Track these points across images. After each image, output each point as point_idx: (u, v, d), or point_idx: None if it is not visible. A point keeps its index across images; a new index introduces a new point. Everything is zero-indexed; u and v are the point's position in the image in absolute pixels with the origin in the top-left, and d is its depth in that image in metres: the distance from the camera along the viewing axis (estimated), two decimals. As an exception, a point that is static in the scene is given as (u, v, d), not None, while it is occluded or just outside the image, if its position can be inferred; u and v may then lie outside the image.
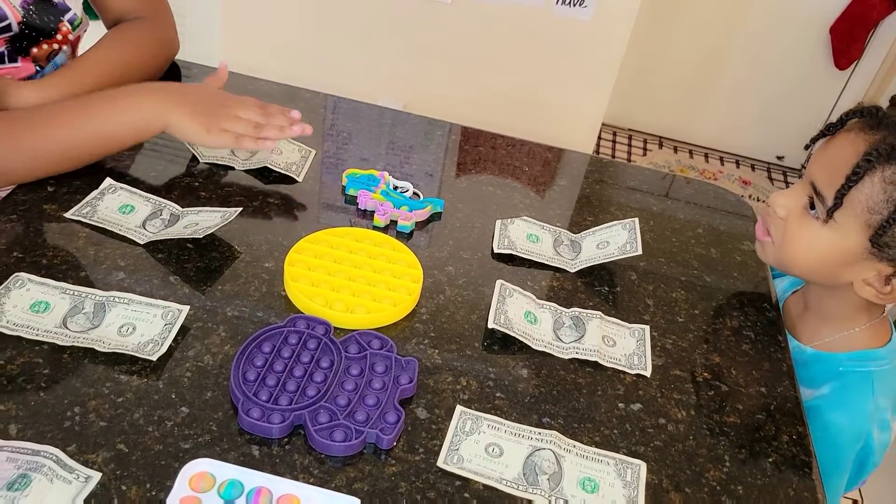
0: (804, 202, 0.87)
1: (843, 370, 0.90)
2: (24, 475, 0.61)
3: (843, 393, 0.89)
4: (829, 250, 0.85)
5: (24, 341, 0.72)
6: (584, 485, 0.70)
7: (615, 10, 1.89)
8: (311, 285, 0.82)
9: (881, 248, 0.81)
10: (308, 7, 2.00)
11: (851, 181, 0.80)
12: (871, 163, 0.79)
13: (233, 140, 0.93)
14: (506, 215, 1.00)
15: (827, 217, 0.83)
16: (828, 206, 0.82)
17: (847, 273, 0.86)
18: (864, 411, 0.88)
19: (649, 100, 3.04)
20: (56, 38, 1.00)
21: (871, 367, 0.89)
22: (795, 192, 0.89)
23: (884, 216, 0.79)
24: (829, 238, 0.84)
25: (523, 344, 0.82)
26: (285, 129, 0.96)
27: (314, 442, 0.68)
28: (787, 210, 0.89)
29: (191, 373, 0.73)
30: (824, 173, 0.84)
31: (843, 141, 0.84)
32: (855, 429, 0.87)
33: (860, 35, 2.72)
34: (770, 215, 0.91)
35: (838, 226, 0.83)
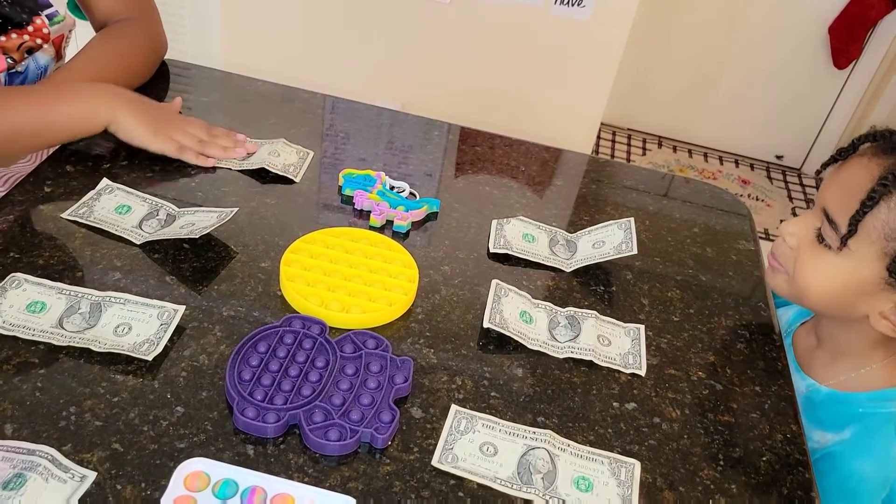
0: (816, 229, 0.84)
1: (863, 412, 0.86)
2: (19, 474, 0.61)
3: (865, 438, 0.85)
4: (844, 280, 0.82)
5: (21, 341, 0.72)
6: (579, 484, 0.70)
7: (614, 10, 1.89)
8: (306, 285, 0.83)
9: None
10: (307, 7, 2.00)
11: (866, 207, 0.77)
12: (887, 187, 0.76)
13: (176, 149, 0.96)
14: (502, 215, 1.01)
15: (841, 245, 0.79)
16: (841, 233, 0.79)
17: (863, 305, 0.82)
18: (888, 457, 0.84)
19: (648, 99, 3.04)
20: (27, 30, 0.98)
21: (893, 409, 0.85)
22: (807, 221, 0.86)
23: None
24: (844, 267, 0.81)
25: (518, 343, 0.82)
26: (229, 150, 1.00)
27: (309, 441, 0.68)
28: (797, 238, 0.86)
29: (186, 372, 0.73)
30: (837, 199, 0.81)
31: (857, 166, 0.81)
32: (880, 476, 0.84)
33: (859, 34, 2.73)
34: (780, 244, 0.88)
35: (853, 254, 0.80)
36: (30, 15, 0.98)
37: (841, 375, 0.90)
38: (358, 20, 2.00)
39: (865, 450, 0.85)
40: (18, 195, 0.89)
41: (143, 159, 0.98)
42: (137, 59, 1.08)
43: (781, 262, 0.88)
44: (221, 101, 1.16)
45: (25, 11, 0.98)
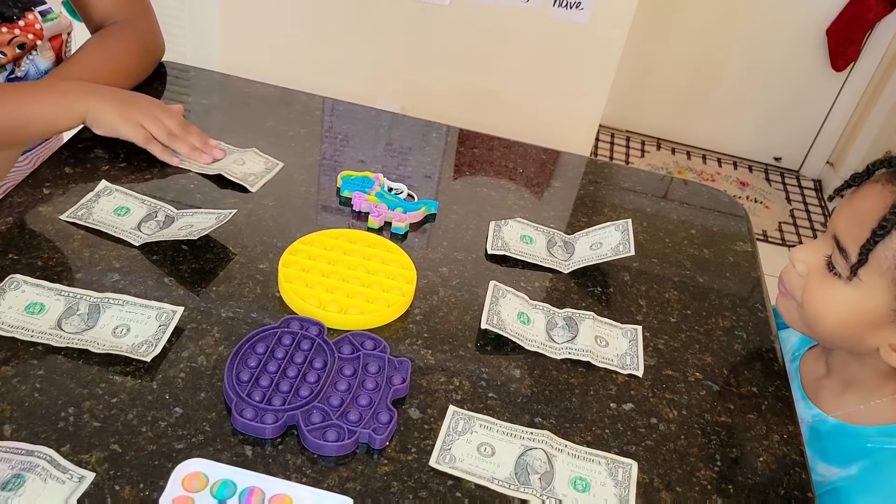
0: (826, 256, 0.81)
1: (871, 447, 0.83)
2: (17, 475, 0.61)
3: (874, 475, 0.82)
4: (853, 311, 0.79)
5: (19, 342, 0.73)
6: (576, 484, 0.70)
7: (612, 12, 1.89)
8: (305, 286, 0.83)
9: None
10: (306, 10, 2.00)
11: (878, 236, 0.74)
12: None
13: (144, 138, 0.95)
14: (500, 217, 1.01)
15: (850, 274, 0.77)
16: (851, 262, 0.77)
17: (873, 337, 0.79)
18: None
19: (647, 102, 3.04)
20: (18, 25, 0.97)
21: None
22: (817, 248, 0.83)
23: None
24: (853, 297, 0.78)
25: (516, 344, 0.82)
26: (196, 151, 0.98)
27: (307, 442, 0.69)
28: (807, 266, 0.83)
29: (184, 373, 0.73)
30: (849, 227, 0.78)
31: (870, 192, 0.78)
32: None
33: (856, 36, 2.73)
34: (789, 271, 0.86)
35: (863, 284, 0.77)
36: (21, 10, 0.98)
37: (850, 407, 0.87)
38: (356, 22, 2.01)
39: (873, 487, 0.82)
40: (17, 197, 0.90)
41: (141, 161, 0.99)
42: (132, 60, 1.08)
43: (790, 288, 0.86)
44: (220, 103, 1.16)
45: (17, 6, 0.97)
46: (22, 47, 0.98)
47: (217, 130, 1.07)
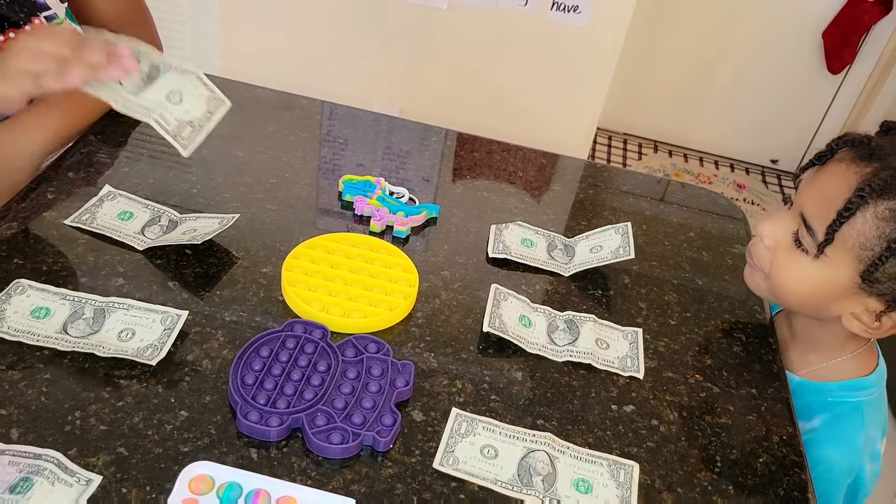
0: (793, 232, 0.85)
1: (832, 401, 0.89)
2: (25, 478, 0.62)
3: (835, 426, 0.88)
4: (819, 284, 0.83)
5: (26, 347, 0.73)
6: (578, 485, 0.71)
7: (609, 16, 1.90)
8: (308, 290, 0.83)
9: (871, 283, 0.79)
10: (304, 14, 2.01)
11: (843, 217, 0.77)
12: (864, 198, 0.76)
13: (32, 84, 0.77)
14: (501, 220, 1.02)
15: (818, 252, 0.81)
16: (818, 240, 0.80)
17: (836, 307, 0.84)
18: (856, 445, 0.87)
19: (644, 104, 3.06)
20: (24, 30, 0.95)
21: (860, 398, 0.88)
22: (783, 222, 0.86)
23: (875, 253, 0.77)
24: (819, 272, 0.82)
25: (518, 347, 0.83)
26: (99, 69, 0.78)
27: (311, 444, 0.69)
28: (774, 240, 0.87)
29: (189, 377, 0.74)
30: (815, 205, 0.82)
31: (834, 172, 0.81)
32: (848, 463, 0.87)
33: (852, 39, 2.74)
34: (756, 244, 0.89)
35: (829, 260, 0.81)
36: (28, 15, 0.97)
37: (813, 365, 0.92)
38: (355, 26, 2.01)
39: (834, 438, 0.88)
40: (21, 202, 0.90)
41: (144, 165, 0.99)
42: None
43: (758, 261, 0.89)
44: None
45: (24, 11, 0.96)
46: None
47: (218, 136, 1.07)
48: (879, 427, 0.90)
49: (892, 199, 0.76)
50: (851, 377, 0.90)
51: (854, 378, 0.89)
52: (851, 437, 0.88)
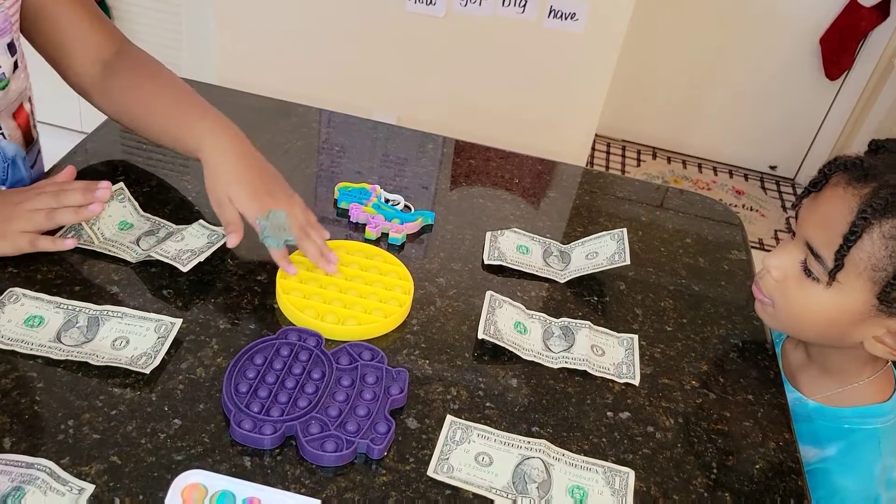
0: (800, 262, 0.83)
1: (848, 428, 0.87)
2: (17, 488, 0.62)
3: (851, 455, 0.86)
4: (836, 312, 0.81)
5: (19, 355, 0.73)
6: (573, 493, 0.71)
7: (606, 23, 1.90)
8: (302, 298, 0.83)
9: (889, 304, 0.77)
10: (302, 21, 2.01)
11: (850, 241, 0.76)
12: (868, 220, 0.75)
13: (28, 243, 0.83)
14: (496, 227, 1.01)
15: (829, 280, 0.79)
16: (828, 267, 0.79)
17: (856, 333, 0.82)
18: (872, 474, 0.85)
19: (642, 111, 3.06)
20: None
21: (877, 425, 0.86)
22: (790, 253, 0.85)
23: (889, 272, 0.76)
24: (834, 300, 0.80)
25: (513, 354, 0.83)
26: (81, 210, 0.84)
27: (305, 452, 0.69)
28: (782, 272, 0.85)
29: (183, 385, 0.74)
30: (819, 233, 0.80)
31: (833, 196, 0.80)
32: (864, 493, 0.85)
33: (850, 45, 2.75)
34: (764, 277, 0.88)
35: (841, 286, 0.79)
36: None
37: (828, 391, 0.90)
38: (353, 34, 2.02)
39: (850, 467, 0.86)
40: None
41: (140, 174, 0.99)
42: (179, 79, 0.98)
43: (768, 294, 0.87)
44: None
45: None
46: None
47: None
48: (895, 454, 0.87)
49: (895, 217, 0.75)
50: (868, 403, 0.88)
51: (871, 405, 0.87)
52: (868, 465, 0.86)
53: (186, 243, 0.87)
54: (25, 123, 0.95)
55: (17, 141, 0.94)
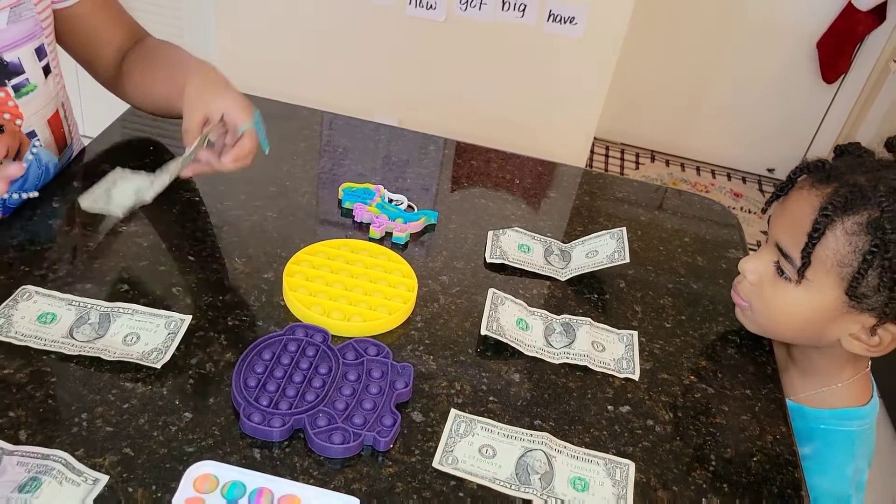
0: (773, 263, 0.86)
1: (825, 428, 0.90)
2: (34, 478, 0.63)
3: (825, 455, 0.89)
4: (809, 310, 0.84)
5: (32, 351, 0.75)
6: (575, 484, 0.72)
7: (605, 27, 1.92)
8: (309, 295, 0.85)
9: (859, 299, 0.80)
10: (303, 23, 2.03)
11: (814, 238, 0.79)
12: (829, 216, 0.78)
13: None
14: (498, 227, 1.03)
15: (799, 278, 0.82)
16: (797, 265, 0.82)
17: (832, 331, 0.85)
18: (845, 475, 0.88)
19: (641, 114, 3.08)
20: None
21: (852, 427, 0.89)
22: (763, 256, 0.88)
23: (854, 268, 0.79)
24: (806, 298, 0.83)
25: (515, 350, 0.85)
26: None
27: (313, 445, 0.71)
28: (757, 275, 0.88)
29: (193, 380, 0.75)
30: (787, 234, 0.84)
31: (798, 198, 0.84)
32: (836, 492, 0.88)
33: (846, 49, 2.77)
34: (741, 282, 0.91)
35: (812, 284, 0.82)
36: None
37: (809, 391, 0.93)
38: (354, 37, 2.04)
39: (824, 467, 0.88)
40: (29, 210, 0.92)
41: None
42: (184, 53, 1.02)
43: (746, 298, 0.90)
44: (223, 118, 1.18)
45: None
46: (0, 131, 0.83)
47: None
48: (867, 458, 0.90)
49: (856, 214, 0.78)
50: (846, 406, 0.90)
51: (849, 407, 0.90)
52: (841, 466, 0.88)
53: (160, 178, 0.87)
54: (59, 128, 0.97)
55: (50, 147, 0.96)
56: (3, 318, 0.77)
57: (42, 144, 0.94)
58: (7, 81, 0.87)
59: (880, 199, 0.77)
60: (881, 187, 0.78)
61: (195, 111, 0.88)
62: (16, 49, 0.87)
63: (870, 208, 0.78)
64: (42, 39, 0.90)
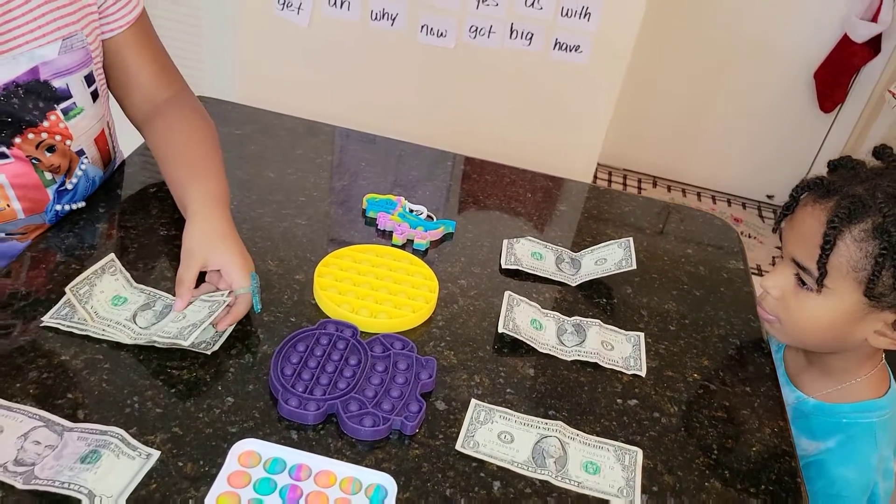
0: (793, 278, 0.92)
1: (846, 422, 0.95)
2: (94, 451, 0.69)
3: (848, 447, 0.94)
4: (834, 315, 0.90)
5: (87, 339, 0.81)
6: (587, 467, 0.78)
7: (609, 55, 2.00)
8: (338, 294, 0.91)
9: (877, 298, 0.86)
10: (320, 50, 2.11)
11: (826, 250, 0.85)
12: (837, 228, 0.85)
13: None
14: (512, 236, 1.10)
15: (819, 287, 0.88)
16: (815, 276, 0.88)
17: (857, 331, 0.90)
18: (870, 464, 0.92)
19: (644, 141, 3.16)
20: (42, 127, 0.91)
21: (873, 419, 0.94)
22: (783, 272, 0.94)
23: (868, 270, 0.84)
24: (829, 305, 0.89)
25: (530, 347, 0.91)
26: None
27: (346, 427, 0.76)
28: (780, 290, 0.94)
29: (234, 368, 0.81)
30: (801, 248, 0.90)
31: (805, 214, 0.90)
32: (862, 482, 0.92)
33: (843, 80, 2.85)
34: (765, 298, 0.96)
35: (832, 291, 0.88)
36: (42, 112, 0.91)
37: (828, 388, 0.98)
38: (369, 62, 2.11)
39: (848, 457, 0.93)
40: (76, 216, 0.99)
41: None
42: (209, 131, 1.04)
43: (772, 312, 0.96)
44: (253, 133, 1.25)
45: (38, 108, 0.90)
46: (51, 150, 0.93)
47: (250, 158, 1.16)
48: (891, 446, 0.95)
49: (861, 222, 0.85)
50: (865, 399, 0.96)
51: (868, 400, 0.96)
52: (866, 456, 0.93)
53: (188, 320, 0.83)
54: (105, 146, 1.03)
55: (96, 162, 1.02)
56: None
57: (90, 161, 1.00)
58: (56, 105, 0.92)
59: (880, 205, 0.84)
60: (879, 194, 0.84)
61: (193, 263, 0.86)
62: (66, 76, 0.92)
63: (872, 215, 0.84)
64: (91, 67, 0.96)
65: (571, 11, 2.03)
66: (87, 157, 0.99)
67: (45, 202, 0.95)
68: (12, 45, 0.86)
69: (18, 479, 0.66)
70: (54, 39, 0.90)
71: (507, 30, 2.03)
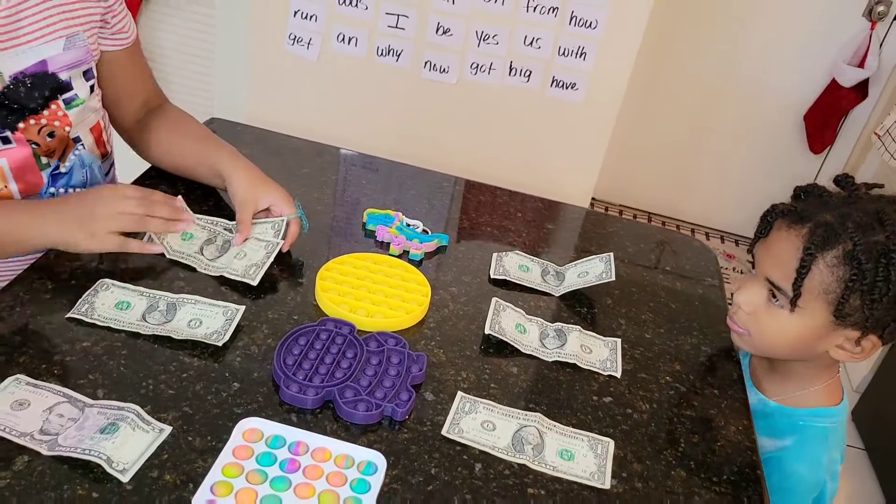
0: (765, 295, 0.99)
1: (803, 424, 1.02)
2: (112, 423, 0.76)
3: (803, 446, 1.01)
4: (802, 332, 0.97)
5: (106, 329, 0.88)
6: (563, 454, 0.85)
7: (604, 93, 2.09)
8: (338, 295, 0.99)
9: (844, 318, 0.93)
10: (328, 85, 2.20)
11: (802, 274, 0.92)
12: (812, 254, 0.92)
13: (118, 245, 0.96)
14: (501, 250, 1.18)
15: (792, 307, 0.95)
16: (789, 296, 0.95)
17: (821, 345, 0.98)
18: (820, 463, 1.00)
19: (638, 177, 3.25)
20: (44, 115, 1.00)
21: (826, 423, 1.02)
22: (755, 289, 1.00)
23: (838, 293, 0.92)
24: (799, 322, 0.96)
25: (514, 348, 0.98)
26: (170, 223, 1.01)
27: (341, 412, 0.84)
28: (752, 306, 1.00)
29: (240, 358, 0.89)
30: (776, 270, 0.96)
31: (779, 239, 0.97)
32: (813, 479, 1.00)
33: (832, 122, 2.94)
34: (737, 313, 1.03)
35: (803, 310, 0.95)
36: (46, 100, 0.99)
37: (787, 393, 1.06)
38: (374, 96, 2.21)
39: (803, 455, 1.01)
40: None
41: (199, 195, 1.16)
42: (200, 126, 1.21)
43: (743, 326, 1.03)
44: (262, 154, 1.33)
45: (43, 97, 0.99)
46: (52, 136, 1.01)
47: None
48: (839, 451, 1.03)
49: (833, 248, 0.92)
50: (821, 405, 1.03)
51: (822, 406, 1.03)
52: (817, 456, 1.01)
53: (249, 258, 1.02)
54: (99, 135, 1.13)
55: (92, 150, 1.11)
56: (87, 305, 0.91)
57: (85, 147, 1.09)
58: (59, 96, 1.02)
59: (851, 234, 0.91)
60: (849, 224, 0.92)
61: (248, 206, 1.06)
62: (69, 70, 1.02)
63: (843, 242, 0.91)
64: (90, 64, 1.06)
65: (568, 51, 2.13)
66: (84, 143, 1.09)
67: (40, 185, 1.03)
68: (21, 42, 0.95)
69: (44, 447, 0.73)
70: (58, 38, 0.99)
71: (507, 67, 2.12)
